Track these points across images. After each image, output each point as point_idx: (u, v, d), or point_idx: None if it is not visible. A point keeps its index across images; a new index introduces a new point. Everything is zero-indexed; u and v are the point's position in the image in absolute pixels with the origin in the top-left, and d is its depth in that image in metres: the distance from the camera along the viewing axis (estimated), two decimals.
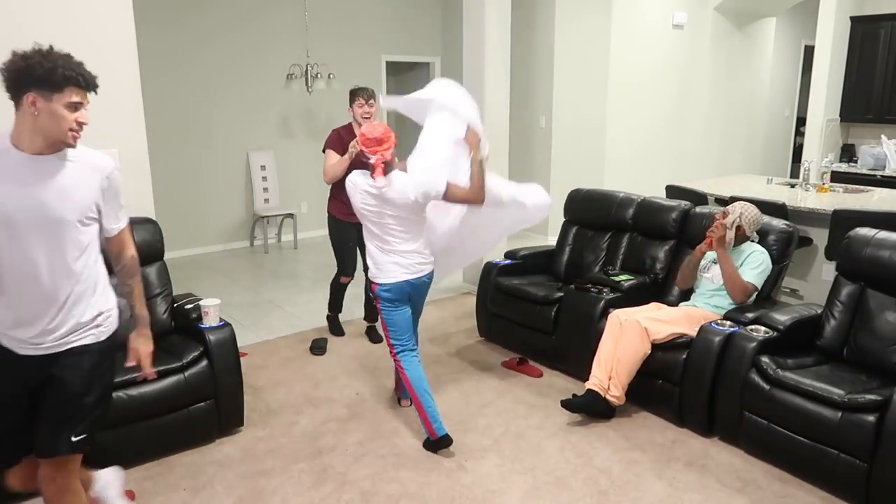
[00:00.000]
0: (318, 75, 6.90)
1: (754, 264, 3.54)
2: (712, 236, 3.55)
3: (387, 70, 8.18)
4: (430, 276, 3.28)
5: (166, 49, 6.44)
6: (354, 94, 4.21)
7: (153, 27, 6.24)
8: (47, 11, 3.31)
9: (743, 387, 3.10)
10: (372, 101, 4.18)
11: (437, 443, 3.15)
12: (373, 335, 4.63)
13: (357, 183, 3.13)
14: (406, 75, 9.07)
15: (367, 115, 4.17)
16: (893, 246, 3.15)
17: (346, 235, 4.32)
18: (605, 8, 7.14)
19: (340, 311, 4.75)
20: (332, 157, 4.18)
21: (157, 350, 3.22)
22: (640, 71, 7.57)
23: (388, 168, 3.08)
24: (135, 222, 3.45)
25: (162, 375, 3.04)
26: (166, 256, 3.61)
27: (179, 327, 3.46)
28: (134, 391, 2.95)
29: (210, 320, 3.26)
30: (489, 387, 3.89)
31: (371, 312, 4.66)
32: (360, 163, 3.47)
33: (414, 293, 3.26)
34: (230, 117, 7.00)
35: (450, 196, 3.12)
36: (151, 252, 3.51)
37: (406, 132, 4.07)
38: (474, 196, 3.18)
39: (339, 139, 4.20)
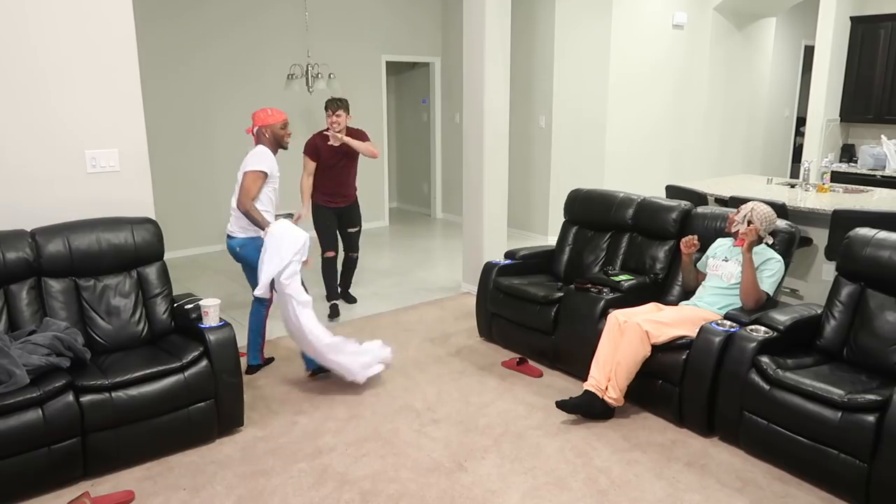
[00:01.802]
0: (319, 75, 6.89)
1: (770, 272, 3.49)
2: (745, 238, 3.45)
3: (387, 70, 8.18)
4: (233, 243, 3.92)
5: (166, 49, 6.44)
6: (326, 106, 4.90)
7: (153, 27, 6.25)
8: (49, 12, 3.31)
9: (743, 387, 3.10)
10: (340, 112, 4.82)
11: None
12: (348, 298, 5.44)
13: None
14: (406, 75, 9.07)
15: (336, 124, 4.82)
16: (893, 246, 3.15)
17: (327, 219, 5.07)
18: (605, 8, 7.14)
19: (338, 297, 5.26)
20: (308, 165, 5.02)
21: (157, 350, 3.27)
22: (641, 71, 7.57)
23: (258, 141, 3.90)
24: (135, 222, 3.50)
25: (162, 375, 3.05)
26: (166, 256, 3.62)
27: (179, 327, 3.47)
28: (134, 391, 2.95)
29: (210, 320, 3.26)
30: (489, 387, 3.89)
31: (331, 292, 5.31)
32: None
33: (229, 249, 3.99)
34: (230, 117, 6.99)
35: (242, 180, 3.78)
36: (151, 252, 3.51)
37: (405, 128, 4.07)
38: (242, 204, 3.75)
39: (314, 148, 4.97)
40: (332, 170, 4.98)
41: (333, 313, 5.09)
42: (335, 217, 5.09)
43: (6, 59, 3.25)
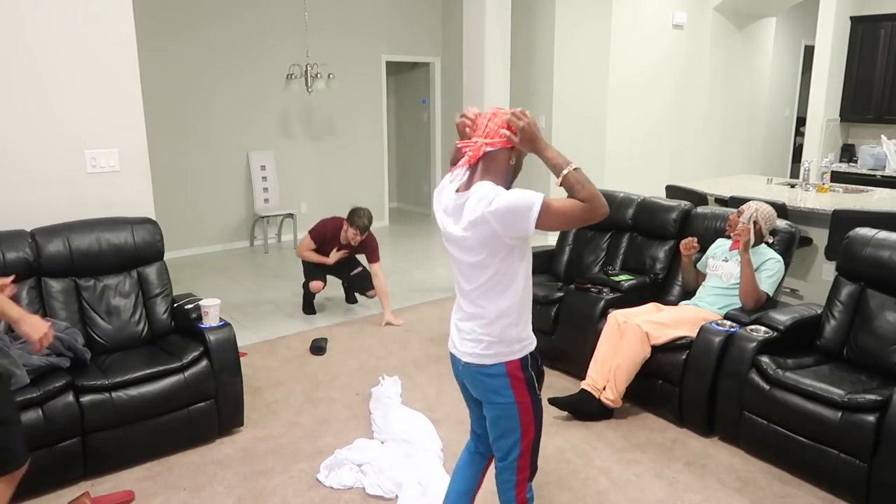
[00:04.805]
0: (318, 75, 6.89)
1: (770, 272, 3.48)
2: (740, 239, 3.44)
3: (387, 70, 8.18)
4: (474, 367, 2.18)
5: (166, 49, 6.44)
6: (353, 222, 4.71)
7: (153, 27, 6.24)
8: (47, 12, 3.31)
9: (743, 387, 3.10)
10: (365, 233, 4.73)
11: None
12: (349, 298, 5.42)
13: (443, 186, 2.15)
14: (406, 75, 9.07)
15: (355, 242, 4.77)
16: (893, 246, 3.15)
17: (317, 267, 4.98)
18: (605, 8, 7.15)
19: (314, 312, 5.19)
20: (307, 242, 4.88)
21: (157, 350, 3.27)
22: (641, 71, 7.57)
23: (484, 164, 2.03)
24: (135, 222, 3.50)
25: (162, 375, 3.05)
26: (166, 256, 3.62)
27: (179, 327, 3.47)
28: (134, 391, 2.96)
29: (210, 320, 3.26)
30: None
31: (350, 296, 5.41)
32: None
33: (461, 378, 2.30)
34: (230, 117, 7.00)
35: (553, 213, 1.98)
36: (151, 252, 3.51)
37: (405, 128, 4.05)
38: (590, 201, 1.97)
39: (323, 235, 4.86)
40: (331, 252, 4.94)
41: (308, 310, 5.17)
42: (326, 269, 5.03)
43: (6, 59, 3.24)
